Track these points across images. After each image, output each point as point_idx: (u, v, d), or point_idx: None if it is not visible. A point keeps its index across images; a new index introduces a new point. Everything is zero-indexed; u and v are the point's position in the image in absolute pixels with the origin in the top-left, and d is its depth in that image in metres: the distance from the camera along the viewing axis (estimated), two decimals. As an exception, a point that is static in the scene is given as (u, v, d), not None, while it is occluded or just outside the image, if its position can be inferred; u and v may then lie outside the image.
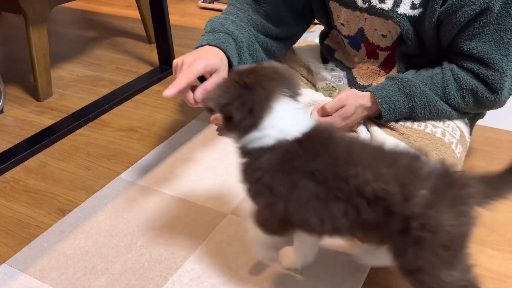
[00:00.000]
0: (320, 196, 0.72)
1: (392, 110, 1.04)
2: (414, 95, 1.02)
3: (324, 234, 0.80)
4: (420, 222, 0.68)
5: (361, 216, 0.70)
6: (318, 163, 0.73)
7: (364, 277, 0.97)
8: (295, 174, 0.74)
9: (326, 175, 0.72)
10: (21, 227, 1.14)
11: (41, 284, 0.98)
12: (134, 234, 1.09)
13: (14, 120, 1.61)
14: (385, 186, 0.68)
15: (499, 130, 1.44)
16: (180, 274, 0.99)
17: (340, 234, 0.78)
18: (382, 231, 0.72)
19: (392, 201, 0.68)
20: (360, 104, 1.05)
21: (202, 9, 2.68)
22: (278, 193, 0.75)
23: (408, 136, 1.02)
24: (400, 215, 0.69)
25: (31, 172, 1.34)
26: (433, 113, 1.05)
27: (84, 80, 1.88)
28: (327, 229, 0.75)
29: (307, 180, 0.73)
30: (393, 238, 0.72)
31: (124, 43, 2.22)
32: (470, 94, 1.02)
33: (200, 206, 1.17)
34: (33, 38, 1.65)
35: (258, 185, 0.77)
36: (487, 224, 1.10)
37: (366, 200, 0.69)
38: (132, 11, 2.64)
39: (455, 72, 1.02)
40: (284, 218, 0.77)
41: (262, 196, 0.78)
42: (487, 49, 0.98)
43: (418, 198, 0.68)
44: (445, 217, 0.69)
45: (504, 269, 0.98)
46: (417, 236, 0.69)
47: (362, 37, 1.17)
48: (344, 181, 0.70)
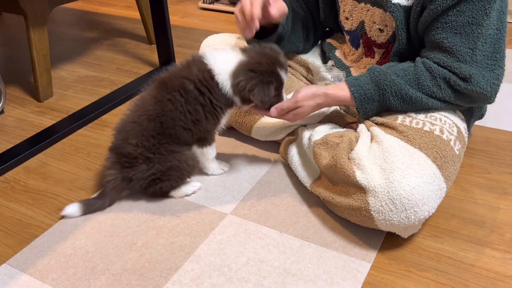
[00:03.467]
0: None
1: (363, 98, 1.07)
2: (384, 83, 1.05)
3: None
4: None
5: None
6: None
7: (364, 277, 0.97)
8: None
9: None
10: (21, 227, 1.14)
11: (41, 284, 0.98)
12: (134, 234, 1.09)
13: (15, 121, 1.61)
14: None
15: (499, 130, 1.44)
16: (180, 274, 0.99)
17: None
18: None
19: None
20: (318, 104, 1.10)
21: (203, 10, 2.68)
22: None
23: (407, 134, 1.02)
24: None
25: (32, 172, 1.34)
26: (407, 101, 1.06)
27: (84, 81, 1.88)
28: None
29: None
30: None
31: (124, 44, 2.23)
32: (444, 82, 1.04)
33: (200, 206, 1.17)
34: (34, 39, 1.65)
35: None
36: (487, 224, 1.10)
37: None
38: (132, 11, 2.64)
39: (426, 63, 1.05)
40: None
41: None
42: (456, 41, 1.01)
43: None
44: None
45: (504, 269, 0.98)
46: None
47: (362, 31, 1.21)
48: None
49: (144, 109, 1.12)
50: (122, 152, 1.13)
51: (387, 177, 0.95)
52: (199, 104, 1.11)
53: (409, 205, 0.93)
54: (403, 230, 0.99)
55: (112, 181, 1.14)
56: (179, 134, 1.13)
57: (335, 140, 1.09)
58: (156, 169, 1.13)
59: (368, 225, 1.01)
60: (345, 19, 1.25)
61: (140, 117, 1.12)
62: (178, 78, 1.11)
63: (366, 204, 0.97)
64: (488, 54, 1.02)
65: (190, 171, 1.18)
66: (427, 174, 0.96)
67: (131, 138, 1.12)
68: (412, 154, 0.98)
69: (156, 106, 1.11)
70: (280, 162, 1.32)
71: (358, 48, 1.25)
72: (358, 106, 1.08)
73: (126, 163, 1.13)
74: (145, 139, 1.11)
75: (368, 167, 0.98)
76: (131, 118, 1.14)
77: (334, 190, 1.06)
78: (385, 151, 0.99)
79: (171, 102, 1.10)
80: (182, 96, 1.10)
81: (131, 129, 1.12)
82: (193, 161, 1.17)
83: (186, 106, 1.10)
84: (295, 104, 1.08)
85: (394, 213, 0.94)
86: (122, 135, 1.14)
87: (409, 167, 0.95)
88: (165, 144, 1.13)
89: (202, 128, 1.14)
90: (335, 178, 1.05)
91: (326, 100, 1.09)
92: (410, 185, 0.94)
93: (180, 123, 1.11)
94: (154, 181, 1.14)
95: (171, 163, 1.13)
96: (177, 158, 1.14)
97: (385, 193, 0.94)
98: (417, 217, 0.95)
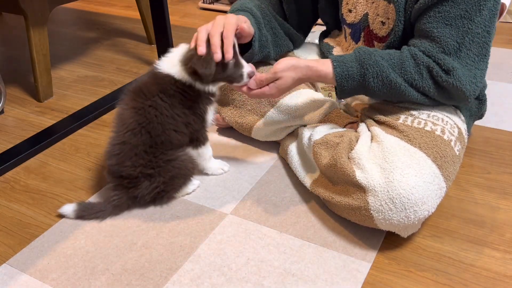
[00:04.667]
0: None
1: (345, 75, 1.06)
2: (367, 63, 1.05)
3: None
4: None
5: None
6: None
7: (364, 277, 0.97)
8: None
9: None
10: (21, 227, 1.14)
11: (41, 284, 0.98)
12: (134, 234, 1.09)
13: (15, 121, 1.61)
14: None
15: (499, 130, 1.44)
16: (180, 274, 0.99)
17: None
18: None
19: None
20: (299, 77, 1.08)
21: (203, 10, 2.68)
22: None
23: (407, 134, 1.02)
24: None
25: (32, 172, 1.34)
26: (386, 84, 1.05)
27: (84, 81, 1.88)
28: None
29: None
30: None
31: (124, 44, 2.23)
32: (426, 71, 1.03)
33: (200, 206, 1.17)
34: (34, 39, 1.66)
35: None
36: (487, 224, 1.10)
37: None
38: (132, 11, 2.64)
39: (412, 50, 1.05)
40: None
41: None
42: (445, 32, 1.02)
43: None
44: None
45: (504, 269, 0.98)
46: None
47: (365, 24, 1.21)
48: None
49: (125, 125, 1.08)
50: (122, 175, 1.11)
51: (386, 177, 0.95)
52: (184, 107, 1.09)
53: (408, 205, 0.93)
54: (402, 229, 0.99)
55: (116, 199, 1.13)
56: (172, 138, 1.10)
57: (335, 140, 1.09)
58: (158, 181, 1.11)
59: (368, 225, 1.01)
60: (347, 12, 1.25)
61: (125, 135, 1.08)
62: (153, 84, 1.09)
63: (365, 204, 0.97)
64: (471, 53, 1.02)
65: (192, 173, 1.17)
66: (427, 174, 0.96)
67: (125, 160, 1.09)
68: (412, 154, 0.98)
69: (138, 116, 1.08)
70: (280, 162, 1.32)
71: (358, 41, 1.25)
72: (338, 82, 1.07)
73: (128, 184, 1.12)
74: (139, 158, 1.09)
75: (368, 167, 0.98)
76: (117, 139, 1.10)
77: (333, 190, 1.06)
78: (385, 151, 0.99)
79: (153, 108, 1.07)
80: (164, 101, 1.08)
81: (121, 151, 1.09)
82: (193, 164, 1.17)
83: (173, 109, 1.08)
84: (274, 75, 1.06)
85: (393, 213, 0.94)
86: (115, 160, 1.10)
87: (409, 167, 0.95)
88: (161, 155, 1.10)
89: (192, 129, 1.13)
90: (335, 178, 1.05)
91: (307, 73, 1.07)
92: (410, 184, 0.94)
93: (171, 126, 1.09)
94: (159, 194, 1.13)
95: (172, 172, 1.12)
96: (176, 166, 1.12)
97: (384, 192, 0.94)
98: (417, 216, 0.95)
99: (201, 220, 1.13)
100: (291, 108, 1.25)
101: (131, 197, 1.13)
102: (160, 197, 1.15)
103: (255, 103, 1.30)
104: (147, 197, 1.13)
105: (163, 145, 1.10)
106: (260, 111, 1.29)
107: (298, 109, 1.25)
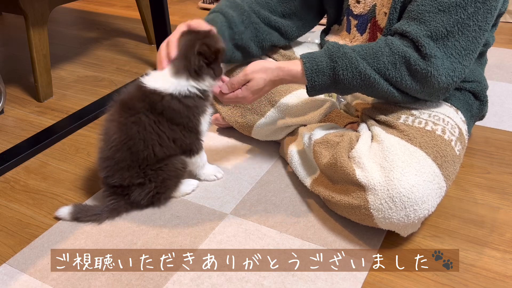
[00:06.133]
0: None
1: (314, 70, 1.05)
2: (336, 55, 1.04)
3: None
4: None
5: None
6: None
7: (364, 277, 0.97)
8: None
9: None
10: (21, 227, 1.14)
11: (41, 284, 0.98)
12: (134, 234, 1.09)
13: (15, 121, 1.61)
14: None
15: (499, 130, 1.44)
16: (180, 274, 0.99)
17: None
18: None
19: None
20: (271, 80, 1.07)
21: (203, 10, 2.68)
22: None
23: (407, 133, 1.02)
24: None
25: (32, 172, 1.34)
26: (356, 77, 1.03)
27: (84, 81, 1.88)
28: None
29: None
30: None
31: (124, 44, 2.23)
32: (401, 60, 1.01)
33: (200, 206, 1.17)
34: (34, 39, 1.66)
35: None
36: (487, 224, 1.10)
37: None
38: (132, 11, 2.64)
39: (389, 39, 1.04)
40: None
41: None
42: (437, 17, 1.00)
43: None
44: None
45: (504, 269, 0.98)
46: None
47: (372, 15, 1.20)
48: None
49: (109, 140, 1.08)
50: (114, 185, 1.12)
51: (386, 175, 0.95)
52: (173, 124, 1.08)
53: (408, 203, 0.93)
54: (402, 228, 0.99)
55: (114, 203, 1.13)
56: (156, 152, 1.09)
57: (335, 139, 1.09)
58: (150, 187, 1.11)
59: (368, 224, 1.01)
60: (355, 3, 1.24)
61: (110, 150, 1.08)
62: (139, 100, 1.07)
63: (365, 202, 0.97)
64: (458, 45, 1.00)
65: (183, 173, 1.16)
66: (427, 173, 0.96)
67: (114, 173, 1.09)
68: (412, 153, 0.98)
69: (120, 133, 1.07)
70: (280, 162, 1.32)
71: (363, 33, 1.24)
72: (308, 78, 1.06)
73: (122, 192, 1.13)
74: (125, 171, 1.09)
75: (368, 166, 0.98)
76: (103, 154, 1.10)
77: (333, 189, 1.06)
78: (385, 150, 0.99)
79: (136, 124, 1.06)
80: (150, 118, 1.06)
81: (108, 165, 1.09)
82: (182, 164, 1.15)
83: (158, 126, 1.07)
84: (245, 77, 1.07)
85: (393, 211, 0.94)
86: (105, 172, 1.10)
87: (409, 165, 0.95)
88: (148, 165, 1.10)
89: (183, 144, 1.12)
90: (335, 177, 1.05)
91: (278, 74, 1.07)
92: (410, 183, 0.94)
93: (154, 142, 1.07)
94: (154, 197, 1.14)
95: (162, 176, 1.11)
96: (166, 170, 1.11)
97: (384, 191, 0.94)
98: (417, 215, 0.95)
99: (201, 220, 1.13)
100: (292, 108, 1.25)
101: (128, 202, 1.14)
102: (156, 199, 1.15)
103: (255, 102, 1.30)
104: (142, 202, 1.13)
105: (147, 159, 1.09)
106: (260, 111, 1.29)
107: (299, 109, 1.25)
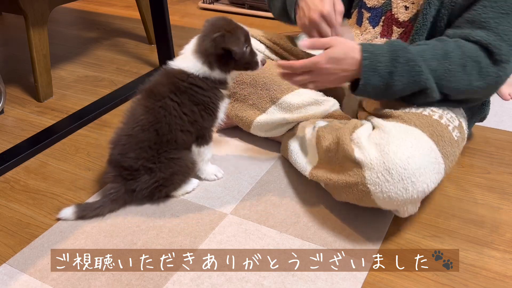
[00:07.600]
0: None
1: (372, 68, 0.99)
2: (399, 59, 0.98)
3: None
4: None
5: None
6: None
7: (364, 277, 0.97)
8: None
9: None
10: (21, 227, 1.14)
11: (41, 284, 0.98)
12: (134, 234, 1.09)
13: (15, 121, 1.61)
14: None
15: (499, 130, 1.44)
16: (180, 274, 0.99)
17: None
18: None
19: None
20: (352, 57, 0.99)
21: (203, 10, 2.68)
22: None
23: (404, 117, 1.02)
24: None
25: (32, 172, 1.34)
26: (411, 85, 1.00)
27: (84, 81, 1.88)
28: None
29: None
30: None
31: (124, 44, 2.23)
32: (473, 65, 0.99)
33: (200, 206, 1.17)
34: (34, 39, 1.66)
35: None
36: (487, 224, 1.10)
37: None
38: (132, 11, 2.64)
39: (460, 41, 1.01)
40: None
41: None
42: (503, 21, 0.98)
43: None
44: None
45: (504, 269, 0.98)
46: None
47: (387, 8, 1.18)
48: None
49: (136, 120, 1.12)
50: (123, 166, 1.12)
51: (382, 149, 0.95)
52: (194, 104, 1.11)
53: (405, 175, 0.93)
54: (401, 204, 0.97)
55: (114, 193, 1.14)
56: (177, 137, 1.13)
57: (339, 125, 1.10)
58: (158, 177, 1.13)
59: (367, 203, 1.01)
60: None
61: (134, 129, 1.11)
62: (164, 84, 1.11)
63: (362, 178, 0.97)
64: None
65: (191, 172, 1.18)
66: (423, 147, 0.95)
67: (129, 151, 1.11)
68: (408, 131, 0.98)
69: (148, 115, 1.11)
70: (280, 162, 1.32)
71: (376, 26, 1.23)
72: (364, 75, 0.99)
73: (128, 176, 1.13)
74: (143, 151, 1.11)
75: (366, 145, 0.98)
76: (125, 131, 1.13)
77: (331, 169, 1.06)
78: (382, 132, 0.99)
79: (163, 108, 1.10)
80: (174, 101, 1.10)
81: (127, 142, 1.12)
82: (192, 163, 1.18)
83: (181, 108, 1.11)
84: (330, 40, 1.02)
85: (390, 184, 0.94)
86: (119, 149, 1.13)
87: (405, 140, 0.95)
88: (164, 152, 1.12)
89: (199, 127, 1.14)
90: (334, 159, 1.05)
91: (357, 56, 1.00)
92: (406, 154, 0.93)
93: (177, 126, 1.11)
94: (157, 188, 1.14)
95: (173, 169, 1.13)
96: (177, 164, 1.14)
97: (380, 164, 0.94)
98: (415, 188, 0.94)
99: (201, 220, 1.13)
100: (293, 106, 1.25)
101: (129, 191, 1.14)
102: (158, 192, 1.15)
103: (257, 98, 1.30)
104: (145, 191, 1.14)
105: (168, 144, 1.12)
106: (262, 107, 1.29)
107: (299, 107, 1.25)
